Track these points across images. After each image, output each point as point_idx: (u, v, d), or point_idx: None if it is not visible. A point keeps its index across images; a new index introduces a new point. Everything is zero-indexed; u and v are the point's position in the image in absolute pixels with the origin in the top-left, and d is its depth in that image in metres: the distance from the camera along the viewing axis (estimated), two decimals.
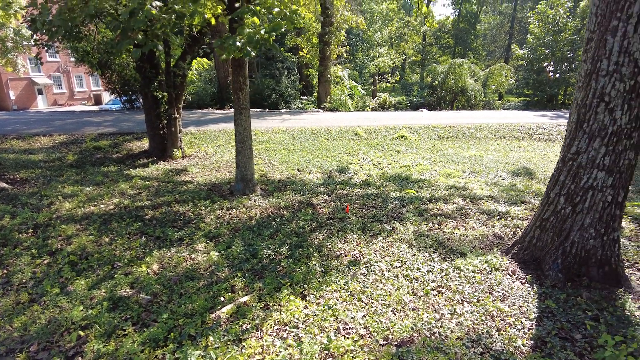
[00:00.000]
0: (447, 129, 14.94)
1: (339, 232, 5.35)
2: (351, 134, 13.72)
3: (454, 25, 36.86)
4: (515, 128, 15.83)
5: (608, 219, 4.18)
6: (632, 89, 3.93)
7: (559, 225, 4.33)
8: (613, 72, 3.97)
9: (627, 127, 4.00)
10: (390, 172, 9.90)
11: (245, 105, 7.18)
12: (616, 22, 3.92)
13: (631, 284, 4.29)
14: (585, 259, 4.24)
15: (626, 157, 4.07)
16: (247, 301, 3.47)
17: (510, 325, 3.23)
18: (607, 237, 4.21)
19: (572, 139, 4.31)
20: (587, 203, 4.18)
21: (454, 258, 4.55)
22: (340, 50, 20.54)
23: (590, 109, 4.12)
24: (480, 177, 9.92)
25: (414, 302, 3.52)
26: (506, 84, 23.49)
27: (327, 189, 7.98)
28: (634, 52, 3.89)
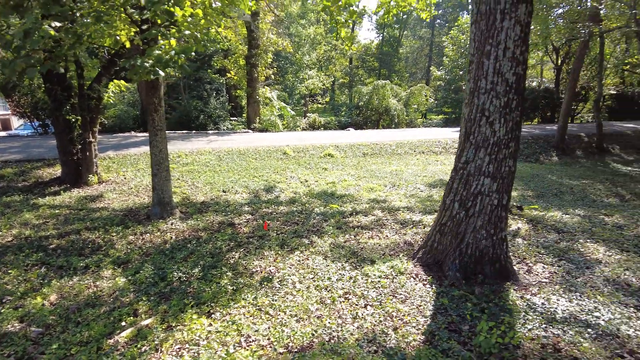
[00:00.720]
0: (371, 147, 15.64)
1: (257, 249, 5.40)
2: (279, 154, 13.88)
3: (378, 49, 39.02)
4: (433, 143, 16.95)
5: (496, 221, 4.65)
6: (506, 105, 4.48)
7: (455, 229, 4.74)
8: (490, 90, 4.49)
9: (505, 138, 4.53)
10: (317, 189, 10.14)
11: (161, 126, 7.06)
12: (489, 47, 4.47)
13: (518, 277, 4.78)
14: (480, 258, 4.66)
15: (506, 164, 4.58)
16: (150, 324, 3.39)
17: (406, 323, 3.46)
18: (496, 237, 4.67)
19: (462, 149, 4.78)
20: (477, 207, 4.62)
21: (364, 265, 4.79)
22: (268, 72, 20.85)
23: (474, 123, 4.61)
24: (400, 190, 10.47)
25: (320, 310, 3.65)
26: (426, 103, 25.22)
27: (252, 208, 7.99)
28: (504, 72, 4.44)
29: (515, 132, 4.58)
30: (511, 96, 4.46)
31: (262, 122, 19.79)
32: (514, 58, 4.42)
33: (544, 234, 6.91)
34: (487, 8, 4.45)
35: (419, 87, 25.21)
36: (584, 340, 3.31)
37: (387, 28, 38.75)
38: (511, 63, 4.42)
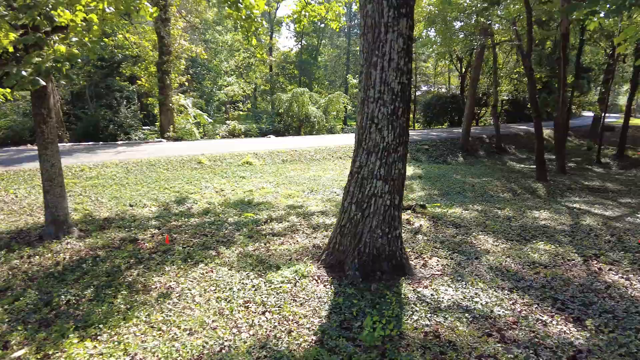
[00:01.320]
0: (291, 153, 15.80)
1: (158, 265, 5.20)
2: (194, 163, 13.48)
3: (297, 57, 39.57)
4: (350, 149, 17.54)
5: (390, 220, 4.95)
6: (393, 112, 4.80)
7: (354, 230, 4.96)
8: (378, 99, 4.79)
9: (394, 143, 4.85)
10: (233, 198, 10.00)
11: (52, 139, 6.53)
12: (376, 58, 4.77)
13: (414, 272, 5.13)
14: (377, 256, 4.93)
15: (396, 167, 4.91)
16: (23, 355, 3.11)
17: (300, 325, 3.57)
18: (391, 235, 4.98)
19: (356, 155, 5.04)
20: (372, 208, 4.89)
21: (269, 273, 4.84)
22: (181, 79, 20.18)
23: (365, 130, 4.88)
24: (317, 195, 10.69)
25: (217, 322, 3.63)
26: (345, 110, 26.08)
27: (160, 222, 7.67)
28: (390, 82, 4.76)
29: (403, 137, 4.93)
30: (397, 104, 4.80)
31: (177, 131, 19.09)
32: (399, 68, 4.76)
33: (443, 229, 7.48)
34: (373, 21, 4.75)
35: (336, 95, 26.00)
36: (461, 325, 3.66)
37: (305, 37, 39.50)
38: (396, 73, 4.75)
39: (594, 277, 5.21)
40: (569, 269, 5.56)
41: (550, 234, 7.39)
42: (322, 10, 13.92)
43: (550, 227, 7.92)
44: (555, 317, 3.96)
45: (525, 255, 6.00)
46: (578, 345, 3.38)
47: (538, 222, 8.32)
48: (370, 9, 4.75)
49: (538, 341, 3.43)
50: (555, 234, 7.41)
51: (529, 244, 6.72)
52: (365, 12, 4.83)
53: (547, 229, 7.77)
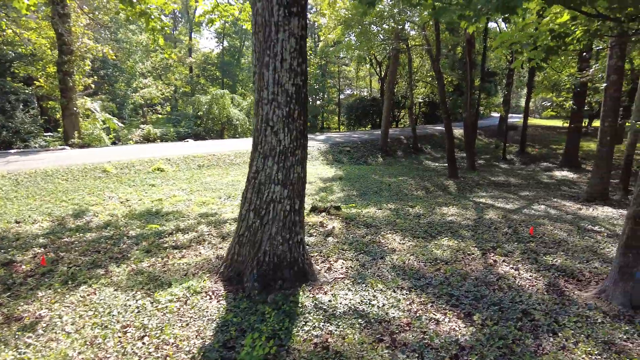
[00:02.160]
0: (208, 158, 15.18)
1: (31, 291, 4.56)
2: (98, 172, 12.40)
3: (219, 58, 38.48)
4: None
5: (290, 226, 4.79)
6: (288, 115, 4.64)
7: (253, 238, 4.73)
8: (272, 101, 4.60)
9: (291, 146, 4.69)
10: (139, 208, 9.29)
11: None
12: (268, 58, 4.58)
13: (317, 277, 5.01)
14: (278, 264, 4.74)
15: (295, 171, 4.75)
16: None
17: (180, 349, 3.26)
18: (292, 241, 4.81)
19: (252, 159, 4.81)
20: (271, 214, 4.69)
21: (158, 291, 4.43)
22: (87, 81, 18.57)
23: (261, 133, 4.67)
24: (234, 201, 10.29)
25: (83, 354, 3.19)
26: None
27: (49, 240, 6.84)
28: (284, 83, 4.60)
29: (301, 140, 4.79)
30: (292, 106, 4.65)
31: (84, 137, 17.53)
32: (292, 69, 4.61)
33: (355, 230, 7.51)
34: (263, 20, 4.56)
35: None
36: (352, 332, 3.58)
37: (227, 37, 38.55)
38: (289, 74, 4.60)
39: (488, 270, 5.47)
40: (467, 264, 5.79)
41: (455, 230, 7.72)
42: (234, 10, 13.56)
43: (455, 223, 8.29)
44: (447, 314, 4.04)
45: (428, 252, 6.17)
46: (463, 342, 3.45)
47: (445, 219, 8.69)
48: (260, 7, 4.56)
49: (427, 342, 3.45)
50: (460, 229, 7.76)
51: (434, 240, 6.94)
52: (256, 10, 4.63)
53: (453, 225, 8.12)
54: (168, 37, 37.74)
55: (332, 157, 18.65)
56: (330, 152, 19.18)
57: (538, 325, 3.82)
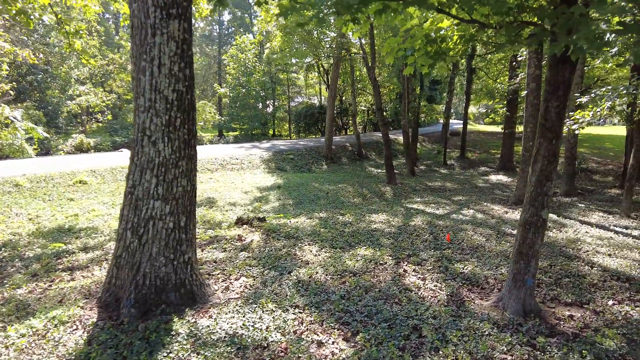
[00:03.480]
0: None
1: None
2: (9, 186, 11.39)
3: None
4: (210, 160, 16.75)
5: (175, 245, 4.41)
6: (168, 123, 4.28)
7: (131, 260, 4.31)
8: (149, 108, 4.24)
9: (173, 157, 4.33)
10: (50, 225, 8.54)
11: None
12: (144, 63, 4.21)
13: (208, 298, 4.65)
14: (162, 287, 4.34)
15: (178, 185, 4.39)
16: None
17: None
18: (177, 262, 4.43)
19: (129, 172, 4.40)
20: (150, 233, 4.29)
21: (17, 323, 3.92)
22: (3, 88, 17.22)
23: (137, 143, 4.28)
24: None
25: None
26: (211, 119, 25.13)
27: None
28: (163, 89, 4.25)
29: (185, 150, 4.45)
30: (173, 114, 4.31)
31: (3, 148, 16.19)
32: (172, 75, 4.27)
33: (274, 242, 7.20)
34: (139, 22, 4.20)
35: (201, 104, 24.90)
36: None
37: None
38: (169, 80, 4.26)
39: (395, 281, 5.33)
40: (376, 275, 5.64)
41: (376, 238, 7.60)
42: None
43: (379, 231, 8.19)
44: (333, 334, 3.81)
45: (340, 264, 5.97)
46: None
47: (371, 227, 8.58)
48: (136, 8, 4.21)
49: None
50: (382, 237, 7.65)
51: (352, 250, 6.77)
52: (132, 12, 4.27)
53: (376, 233, 8.02)
54: (109, 42, 36.16)
55: (274, 165, 18.32)
56: (273, 160, 18.85)
57: (424, 342, 3.67)
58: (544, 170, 4.22)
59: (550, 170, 4.22)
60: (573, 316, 4.33)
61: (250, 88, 26.80)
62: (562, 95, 4.06)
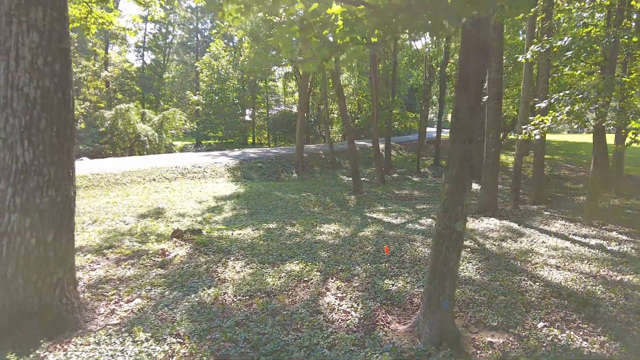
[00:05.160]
0: (89, 178, 13.70)
1: None
2: None
3: (138, 72, 36.52)
4: (169, 169, 16.09)
5: (40, 264, 3.81)
6: (29, 125, 3.71)
7: None
8: (4, 107, 3.67)
9: (36, 163, 3.75)
10: None
11: None
12: None
13: (83, 325, 4.04)
14: (19, 314, 3.73)
15: (44, 195, 3.81)
16: None
17: None
18: (42, 284, 3.83)
19: None
20: (5, 251, 3.69)
21: None
22: None
23: None
24: (100, 225, 9.07)
25: None
26: (182, 127, 24.49)
27: None
28: (22, 86, 3.68)
29: (54, 156, 3.87)
30: (36, 114, 3.74)
31: None
32: (36, 69, 3.72)
33: (199, 258, 6.61)
34: None
35: (172, 112, 24.25)
36: None
37: (148, 51, 36.79)
38: (31, 75, 3.70)
39: (311, 302, 4.78)
40: (295, 294, 5.09)
41: (315, 250, 7.07)
42: (111, 17, 12.48)
43: (323, 242, 7.67)
44: None
45: (259, 282, 5.41)
46: None
47: (316, 238, 8.06)
48: None
49: None
50: (322, 250, 7.12)
51: (282, 265, 6.22)
52: None
53: (318, 244, 7.49)
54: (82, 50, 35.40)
55: (240, 174, 17.71)
56: (240, 169, 18.25)
57: None
58: (458, 176, 3.74)
59: (464, 176, 3.74)
60: (493, 343, 3.83)
61: (224, 95, 26.28)
62: (473, 90, 3.60)
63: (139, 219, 9.97)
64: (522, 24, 14.57)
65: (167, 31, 37.75)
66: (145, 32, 37.74)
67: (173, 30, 38.46)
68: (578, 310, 4.67)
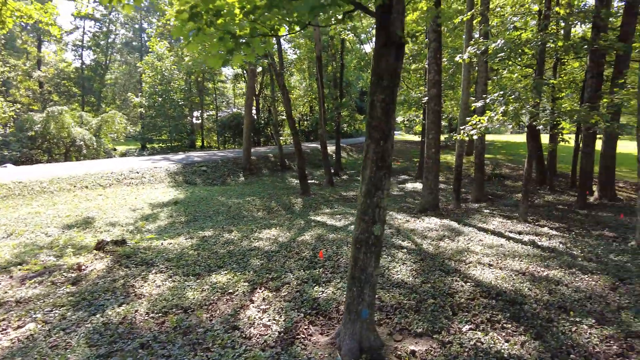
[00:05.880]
0: (10, 187, 12.52)
1: None
2: None
3: (77, 73, 34.30)
4: (104, 175, 15.07)
5: None
6: None
7: None
8: None
9: None
10: None
11: None
12: None
13: None
14: None
15: None
16: None
17: None
18: None
19: None
20: None
21: None
22: None
23: None
24: (17, 239, 8.22)
25: None
26: (123, 131, 23.17)
27: None
28: None
29: None
30: None
31: None
32: None
33: (118, 271, 6.06)
34: None
35: (111, 115, 22.85)
36: None
37: (87, 50, 34.65)
38: None
39: (230, 316, 4.43)
40: (216, 308, 4.71)
41: (248, 259, 6.71)
42: (31, 11, 11.49)
43: (259, 249, 7.31)
44: None
45: (179, 296, 4.98)
46: None
47: (253, 244, 7.69)
48: None
49: None
50: (255, 258, 6.77)
51: (209, 276, 5.81)
52: None
53: (253, 252, 7.13)
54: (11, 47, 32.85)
55: (182, 179, 16.93)
56: (182, 173, 17.45)
57: None
58: (373, 177, 3.53)
59: (380, 176, 3.53)
60: (415, 352, 3.65)
61: (168, 97, 25.14)
62: (387, 87, 3.40)
63: (63, 230, 9.20)
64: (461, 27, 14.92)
65: (108, 30, 35.74)
66: (84, 31, 35.62)
67: (115, 30, 36.47)
68: (504, 310, 4.62)
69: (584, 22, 11.98)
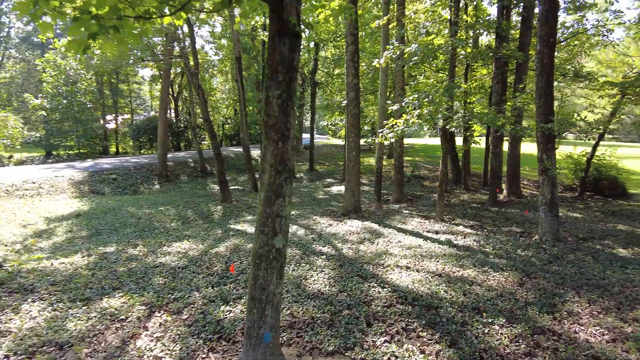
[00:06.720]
0: None
1: None
2: None
3: None
4: None
5: None
6: None
7: None
8: None
9: None
10: None
11: None
12: None
13: None
14: None
15: None
16: None
17: None
18: None
19: None
20: None
21: None
22: None
23: None
24: None
25: None
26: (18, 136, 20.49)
27: None
28: None
29: None
30: None
31: None
32: None
33: None
34: None
35: (2, 118, 20.10)
36: None
37: None
38: None
39: (118, 349, 3.77)
40: (102, 339, 4.01)
41: (150, 277, 5.98)
42: None
43: (164, 265, 6.59)
44: None
45: (57, 328, 4.20)
46: None
47: (159, 260, 6.94)
48: None
49: None
50: (158, 275, 6.06)
51: (100, 300, 5.03)
52: None
53: (157, 269, 6.40)
54: None
55: (88, 188, 15.29)
56: (88, 182, 15.78)
57: None
58: (273, 183, 3.13)
59: (281, 182, 3.15)
60: None
61: (74, 99, 22.77)
62: (283, 81, 3.04)
63: None
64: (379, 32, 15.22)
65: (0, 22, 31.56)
66: None
67: (9, 22, 32.36)
68: (420, 316, 4.47)
69: (489, 31, 12.77)
